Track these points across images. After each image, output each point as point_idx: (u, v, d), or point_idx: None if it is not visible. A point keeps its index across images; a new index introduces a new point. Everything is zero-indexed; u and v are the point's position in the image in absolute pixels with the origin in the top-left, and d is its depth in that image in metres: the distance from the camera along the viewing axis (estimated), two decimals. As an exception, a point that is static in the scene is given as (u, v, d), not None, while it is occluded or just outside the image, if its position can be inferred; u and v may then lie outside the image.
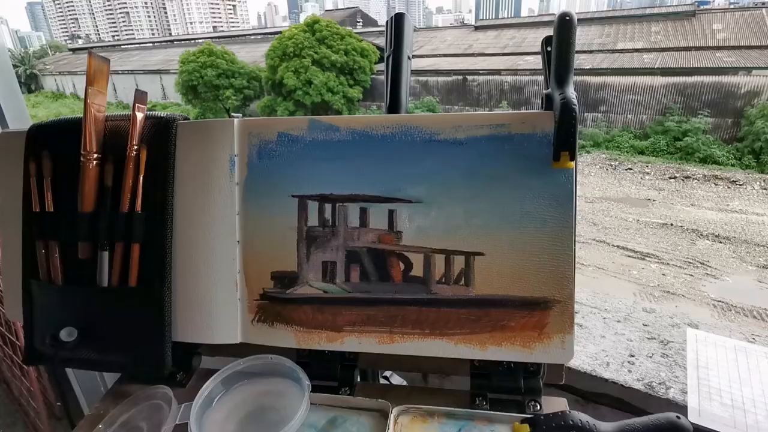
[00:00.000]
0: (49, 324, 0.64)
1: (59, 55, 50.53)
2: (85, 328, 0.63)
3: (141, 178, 0.61)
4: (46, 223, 0.63)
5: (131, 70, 31.19)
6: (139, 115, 0.62)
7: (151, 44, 49.16)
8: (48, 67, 41.11)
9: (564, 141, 0.50)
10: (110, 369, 0.68)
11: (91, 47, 52.59)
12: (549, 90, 0.54)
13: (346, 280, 0.60)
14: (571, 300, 0.54)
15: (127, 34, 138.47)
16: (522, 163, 0.54)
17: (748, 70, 12.86)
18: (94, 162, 0.60)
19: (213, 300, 0.62)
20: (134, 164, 0.60)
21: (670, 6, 25.25)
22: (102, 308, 0.63)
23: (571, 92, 0.50)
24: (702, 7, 24.73)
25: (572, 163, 0.51)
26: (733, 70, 13.03)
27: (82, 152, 0.60)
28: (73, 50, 51.75)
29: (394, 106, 0.68)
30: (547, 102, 0.54)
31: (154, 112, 0.64)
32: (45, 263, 0.64)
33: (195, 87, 20.48)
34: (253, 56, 26.04)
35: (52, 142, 0.64)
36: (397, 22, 0.71)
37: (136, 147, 0.61)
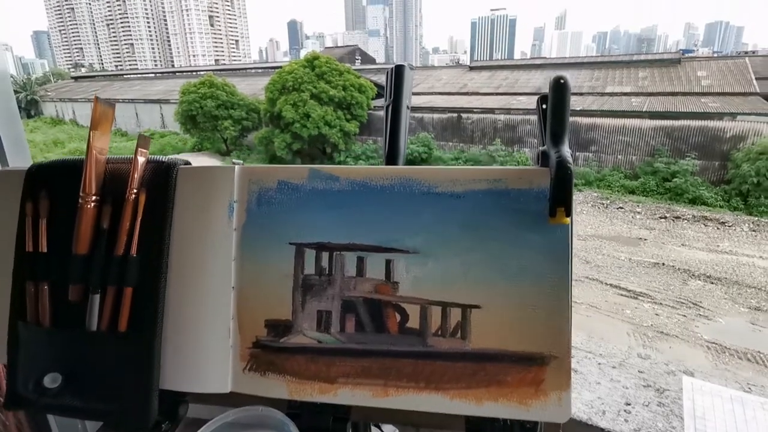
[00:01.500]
0: (33, 368, 0.62)
1: (62, 82, 51.33)
2: (70, 372, 0.61)
3: (138, 221, 0.61)
4: (38, 264, 0.62)
5: (132, 99, 31.64)
6: (141, 159, 0.63)
7: (153, 75, 50.18)
8: (49, 93, 41.64)
9: (560, 197, 0.50)
10: (93, 417, 0.66)
11: (94, 75, 53.54)
12: (545, 147, 0.55)
13: (341, 330, 0.59)
14: (568, 356, 0.54)
15: (130, 65, 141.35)
16: (519, 218, 0.55)
17: (732, 116, 13.31)
18: (92, 204, 0.60)
19: (204, 347, 0.61)
20: (132, 207, 0.60)
21: (656, 54, 26.38)
22: (89, 353, 0.61)
23: (567, 151, 0.51)
24: (687, 55, 25.87)
25: (568, 219, 0.52)
26: (719, 115, 13.47)
27: (81, 194, 0.60)
28: (76, 78, 52.61)
29: (392, 155, 0.69)
30: (543, 158, 0.56)
31: (155, 157, 0.65)
32: (33, 304, 0.63)
33: (194, 117, 20.76)
34: (253, 89, 26.59)
35: (52, 182, 0.64)
36: (397, 72, 0.72)
37: (135, 191, 0.61)
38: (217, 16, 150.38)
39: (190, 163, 0.65)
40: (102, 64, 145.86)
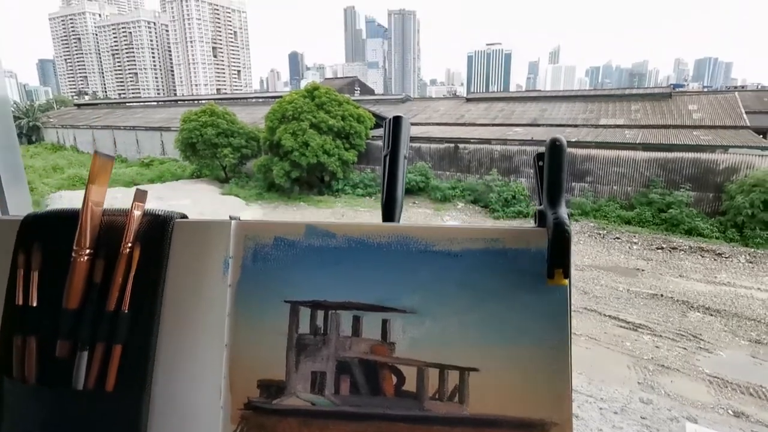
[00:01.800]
0: (17, 425, 0.60)
1: (64, 109, 52.03)
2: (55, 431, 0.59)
3: (131, 276, 0.60)
4: (27, 318, 0.61)
5: (133, 126, 32.02)
6: (137, 213, 0.62)
7: (155, 103, 51.01)
8: (51, 120, 42.13)
9: (558, 259, 0.50)
10: None
11: (97, 103, 54.34)
12: (542, 207, 0.55)
13: (335, 392, 0.57)
14: (570, 423, 0.52)
15: (133, 93, 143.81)
16: (516, 278, 0.54)
17: (724, 148, 13.53)
18: (86, 257, 0.60)
19: (194, 407, 0.59)
20: (126, 262, 0.60)
21: (647, 88, 27.07)
22: (75, 412, 0.59)
23: (564, 212, 0.51)
24: (677, 90, 26.53)
25: (566, 281, 0.51)
26: (711, 148, 13.70)
27: (75, 247, 0.60)
28: (78, 105, 53.35)
29: (390, 205, 0.69)
30: (540, 218, 0.55)
31: (152, 209, 0.64)
32: (20, 360, 0.61)
33: (194, 144, 20.96)
34: (253, 118, 26.98)
35: (45, 233, 0.63)
36: (395, 123, 0.73)
37: (129, 245, 0.60)
38: (221, 48, 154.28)
39: (186, 216, 0.65)
40: (105, 92, 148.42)
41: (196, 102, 41.49)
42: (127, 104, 50.44)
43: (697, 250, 12.07)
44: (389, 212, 0.68)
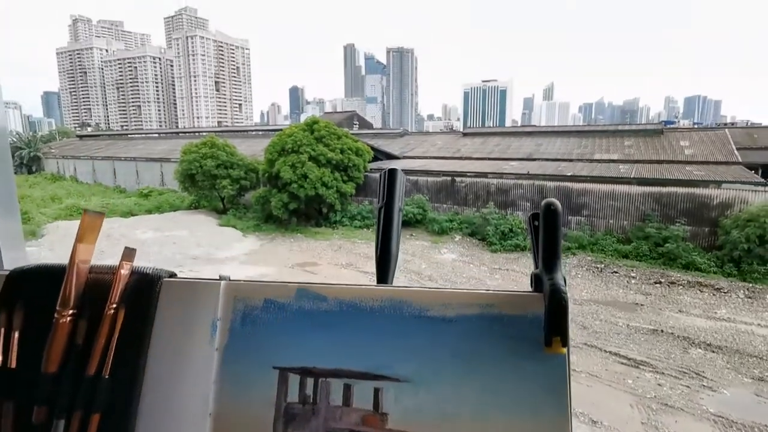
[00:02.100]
0: None
1: (66, 140, 52.65)
2: None
3: (114, 339, 0.57)
4: (4, 381, 0.58)
5: (134, 157, 32.34)
6: (124, 272, 0.61)
7: (157, 135, 51.74)
8: (53, 150, 42.54)
9: (555, 327, 0.49)
10: None
11: (99, 134, 55.02)
12: (538, 270, 0.54)
13: None
14: None
15: (136, 125, 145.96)
16: (513, 345, 0.52)
17: (718, 184, 13.69)
18: (68, 319, 0.57)
19: None
20: (110, 324, 0.57)
21: (639, 124, 27.73)
22: None
23: (560, 279, 0.50)
24: (669, 126, 27.16)
25: (564, 349, 0.49)
26: (704, 183, 13.86)
27: (58, 308, 0.57)
28: (81, 136, 54.01)
29: (384, 256, 0.67)
30: (536, 282, 0.54)
31: (140, 268, 0.63)
32: (-7, 426, 0.58)
33: (193, 176, 21.11)
34: (253, 150, 27.33)
35: (30, 290, 0.61)
36: (390, 176, 0.73)
37: (114, 306, 0.58)
38: (223, 82, 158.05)
39: (175, 275, 0.63)
40: (108, 123, 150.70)
41: (197, 134, 42.08)
42: (129, 136, 51.09)
43: (695, 285, 11.99)
44: (384, 266, 0.67)
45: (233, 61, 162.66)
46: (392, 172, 0.74)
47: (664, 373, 8.02)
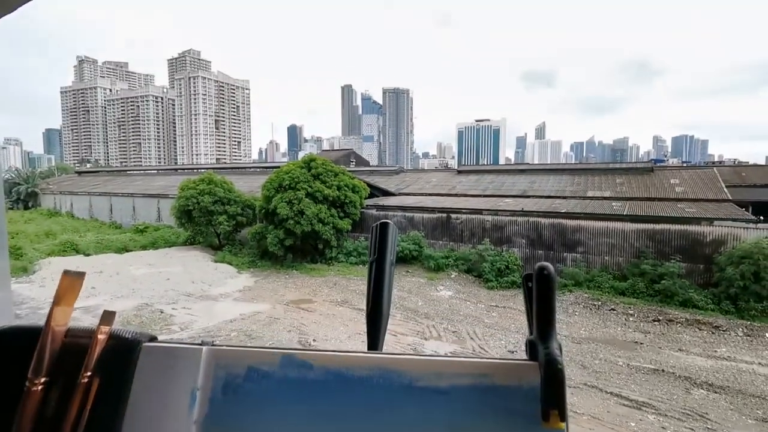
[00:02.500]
0: None
1: (65, 176, 52.85)
2: None
3: (87, 411, 0.53)
4: None
5: (131, 193, 32.41)
6: (101, 337, 0.58)
7: (155, 171, 52.12)
8: (51, 186, 42.59)
9: (552, 400, 0.46)
10: None
11: (97, 170, 55.35)
12: (532, 337, 0.53)
13: None
14: None
15: (135, 162, 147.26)
16: (508, 419, 0.49)
17: (710, 221, 13.83)
18: (40, 387, 0.53)
19: None
20: (83, 394, 0.53)
21: (630, 162, 28.34)
22: None
23: (556, 347, 0.49)
24: (658, 165, 27.72)
25: (563, 424, 0.46)
26: (697, 220, 13.99)
27: (30, 375, 0.53)
28: (79, 173, 54.31)
29: (375, 316, 0.65)
30: (531, 350, 0.52)
31: (119, 331, 0.60)
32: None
33: (190, 212, 21.11)
34: (250, 186, 27.49)
35: (1, 354, 0.57)
36: (382, 229, 0.72)
37: (89, 374, 0.54)
38: (223, 121, 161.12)
39: (156, 339, 0.60)
40: (108, 160, 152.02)
41: (195, 171, 42.45)
42: (128, 172, 51.40)
43: (693, 323, 11.86)
44: (374, 327, 0.65)
45: (233, 100, 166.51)
46: (384, 226, 0.72)
47: (667, 415, 7.78)
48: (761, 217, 16.25)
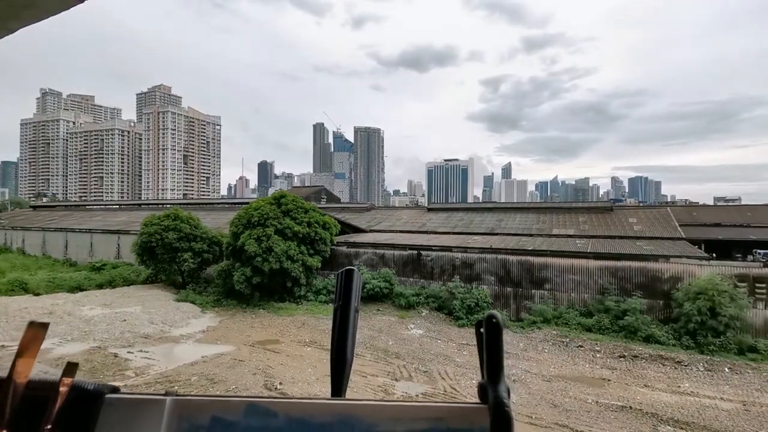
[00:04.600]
0: None
1: (18, 210, 50.31)
2: None
3: None
4: None
5: (90, 229, 31.06)
6: (63, 389, 0.55)
7: (117, 206, 50.39)
8: (2, 221, 40.38)
9: None
10: None
11: (54, 205, 52.99)
12: (484, 381, 0.54)
13: None
14: None
15: (96, 196, 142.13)
16: None
17: (666, 258, 14.47)
18: None
19: None
20: None
21: (591, 202, 29.74)
22: None
23: (503, 391, 0.51)
24: (617, 204, 29.15)
25: None
26: (654, 257, 14.62)
27: None
28: (35, 207, 51.85)
29: (339, 363, 0.66)
30: (482, 393, 0.54)
31: (82, 382, 0.57)
32: None
33: (153, 248, 20.39)
34: (217, 223, 26.94)
35: None
36: (347, 276, 0.73)
37: (49, 428, 0.52)
38: (192, 156, 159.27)
39: (118, 390, 0.58)
40: (66, 194, 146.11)
41: (161, 206, 41.32)
42: (87, 207, 49.41)
43: (657, 359, 12.15)
44: (338, 373, 0.65)
45: (204, 135, 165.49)
46: (349, 273, 0.73)
47: (636, 453, 7.80)
48: (713, 254, 17.18)
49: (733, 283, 13.01)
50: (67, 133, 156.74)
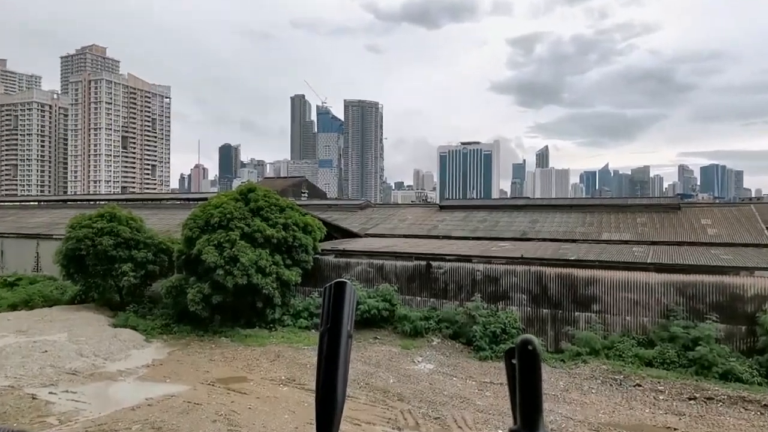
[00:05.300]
0: None
1: None
2: None
3: None
4: None
5: (1, 233, 31.11)
6: None
7: (36, 203, 50.35)
8: None
9: None
10: None
11: (-45, 202, 52.90)
12: (516, 427, 0.54)
13: None
14: None
15: (7, 190, 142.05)
16: None
17: (750, 270, 14.49)
18: None
19: None
20: None
21: (652, 198, 29.79)
22: None
23: None
24: (686, 201, 29.27)
25: None
26: (734, 270, 14.63)
27: None
28: (-72, 204, 51.79)
29: (326, 404, 0.64)
30: None
31: None
32: None
33: (82, 258, 20.36)
34: (166, 224, 26.92)
35: None
36: (337, 292, 0.71)
37: None
38: (133, 138, 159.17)
39: None
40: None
41: (93, 203, 41.32)
42: (-3, 204, 49.40)
43: (738, 401, 12.15)
44: (325, 417, 0.64)
45: (148, 111, 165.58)
46: (339, 287, 0.72)
47: None
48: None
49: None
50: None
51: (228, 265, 17.45)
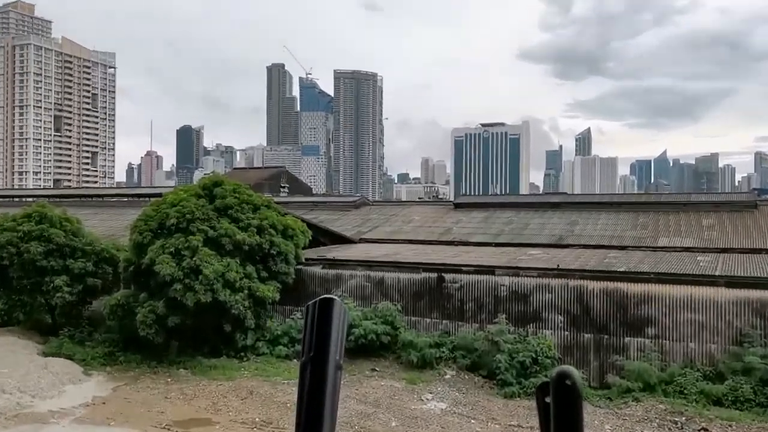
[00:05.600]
0: None
1: None
2: None
3: None
4: None
5: None
6: None
7: (-54, 200, 50.38)
8: None
9: None
10: None
11: None
12: None
13: None
14: None
15: None
16: None
17: None
18: None
19: None
20: None
21: (721, 193, 29.74)
22: None
23: None
24: (764, 196, 29.15)
25: None
26: (825, 285, 14.61)
27: None
28: None
29: None
30: None
31: None
32: None
33: (4, 269, 20.36)
34: (111, 227, 26.89)
35: None
36: (323, 311, 0.70)
37: None
38: (68, 117, 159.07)
39: None
40: None
41: (17, 200, 41.32)
42: None
43: (830, 450, 12.15)
44: None
45: (87, 85, 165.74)
46: (326, 305, 0.71)
47: None
48: None
49: None
50: None
51: (188, 279, 17.42)
